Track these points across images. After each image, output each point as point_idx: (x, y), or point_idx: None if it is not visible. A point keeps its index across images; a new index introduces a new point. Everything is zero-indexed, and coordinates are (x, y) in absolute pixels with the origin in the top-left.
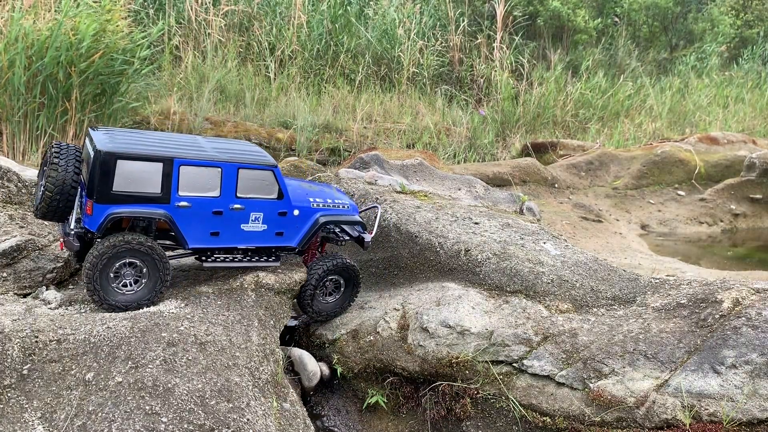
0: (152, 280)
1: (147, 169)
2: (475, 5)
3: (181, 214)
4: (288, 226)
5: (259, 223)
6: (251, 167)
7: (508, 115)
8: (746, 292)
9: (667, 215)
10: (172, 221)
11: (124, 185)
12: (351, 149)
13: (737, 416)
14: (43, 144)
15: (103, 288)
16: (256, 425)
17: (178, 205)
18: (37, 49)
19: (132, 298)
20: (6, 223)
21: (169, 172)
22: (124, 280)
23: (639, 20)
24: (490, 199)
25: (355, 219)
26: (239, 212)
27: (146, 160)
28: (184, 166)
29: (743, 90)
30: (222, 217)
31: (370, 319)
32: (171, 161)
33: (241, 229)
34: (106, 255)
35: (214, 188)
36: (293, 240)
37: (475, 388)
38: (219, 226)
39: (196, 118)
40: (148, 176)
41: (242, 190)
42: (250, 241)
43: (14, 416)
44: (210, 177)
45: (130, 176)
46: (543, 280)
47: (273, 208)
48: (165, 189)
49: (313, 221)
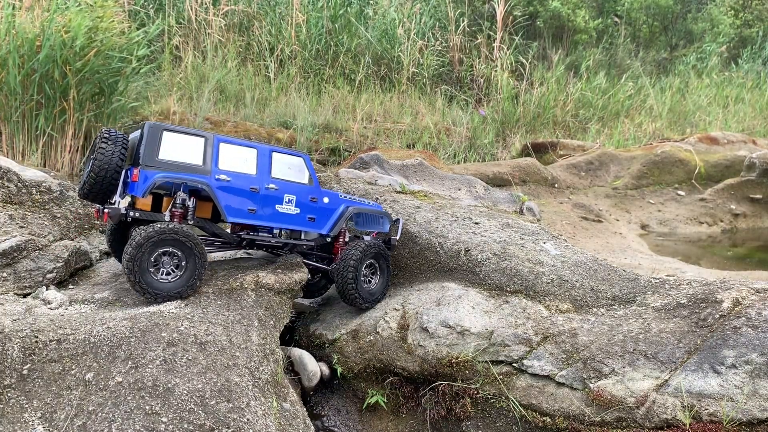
0: (189, 271)
1: (190, 142)
2: (475, 5)
3: (221, 186)
4: (319, 212)
5: (292, 205)
6: (283, 152)
7: (508, 115)
8: (746, 292)
9: (667, 215)
10: (212, 191)
11: (170, 154)
12: (351, 149)
13: (737, 416)
14: (43, 144)
15: (140, 271)
16: (256, 425)
17: (218, 177)
18: (28, 48)
19: (169, 287)
20: (6, 223)
21: (210, 147)
22: (163, 268)
23: (639, 20)
24: (490, 199)
25: (380, 211)
26: (274, 192)
27: (189, 134)
28: (223, 144)
29: (743, 90)
30: (258, 195)
31: (370, 319)
32: (212, 137)
33: (276, 209)
34: (152, 239)
35: (250, 168)
36: (324, 226)
37: (475, 388)
38: (256, 203)
39: (196, 118)
40: (191, 149)
41: (276, 172)
42: (285, 222)
43: (14, 416)
44: (247, 157)
45: (174, 148)
46: (543, 280)
47: (305, 193)
48: (206, 161)
49: (341, 210)
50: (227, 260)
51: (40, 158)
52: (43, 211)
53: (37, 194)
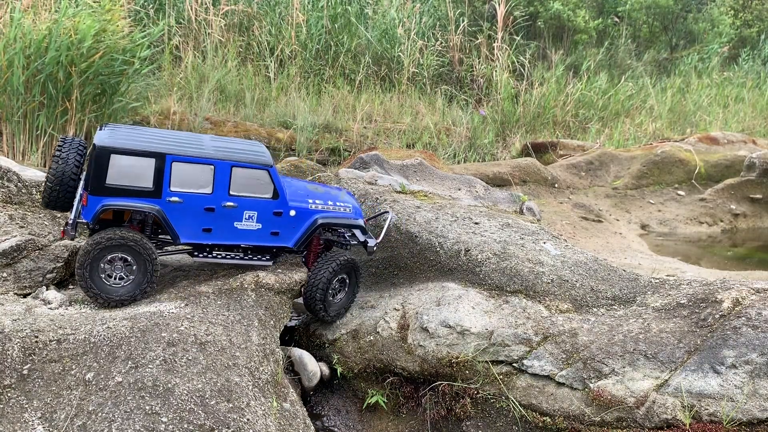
0: (139, 277)
1: (140, 164)
2: (475, 5)
3: (173, 209)
4: (284, 226)
5: (253, 221)
6: (245, 166)
7: (508, 115)
8: (746, 292)
9: (667, 215)
10: (163, 216)
11: (118, 179)
12: (351, 149)
13: (737, 416)
14: (43, 144)
15: (91, 278)
16: (256, 425)
17: (169, 200)
18: (35, 49)
19: (121, 291)
20: (6, 223)
21: (161, 167)
22: (114, 273)
23: (639, 20)
24: (490, 199)
25: (355, 222)
26: (232, 210)
27: (139, 155)
28: (176, 163)
29: (743, 90)
30: (214, 214)
31: (370, 319)
32: (163, 157)
33: (234, 227)
34: (98, 247)
35: (207, 185)
36: (290, 240)
37: (475, 388)
38: (211, 223)
39: (196, 118)
40: (141, 171)
41: (235, 189)
42: (245, 239)
43: (14, 416)
44: (203, 174)
45: (123, 170)
46: (543, 280)
47: (268, 208)
48: (157, 184)
49: (310, 222)
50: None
51: (40, 158)
52: (43, 211)
53: (37, 194)
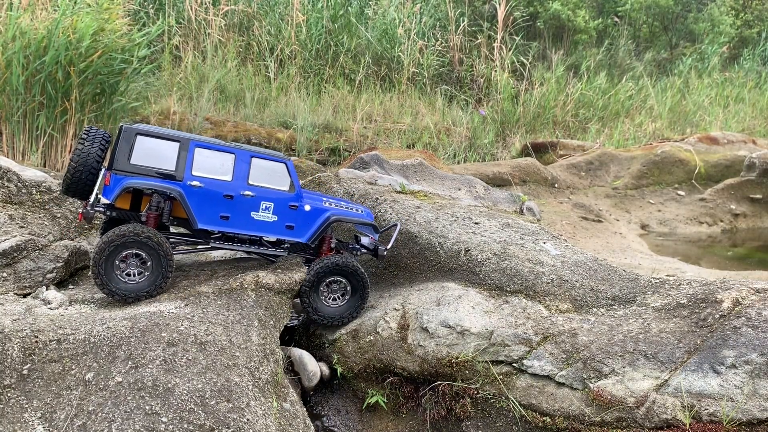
0: (154, 272)
1: (164, 147)
2: (475, 5)
3: (193, 193)
4: (299, 220)
5: (269, 212)
6: (264, 158)
7: (508, 115)
8: (746, 292)
9: (667, 215)
10: (183, 198)
11: (142, 159)
12: (351, 149)
13: (737, 416)
14: (43, 144)
15: (107, 275)
16: (256, 425)
17: (190, 184)
18: (34, 49)
19: (136, 288)
20: (6, 223)
21: (184, 151)
22: (129, 269)
23: (639, 20)
24: (490, 199)
25: (366, 221)
26: (250, 199)
27: (164, 138)
28: (199, 149)
29: (743, 90)
30: (232, 202)
31: (370, 319)
32: (187, 141)
33: (251, 216)
34: (113, 244)
35: (227, 173)
36: (303, 235)
37: (475, 388)
38: (229, 210)
39: (196, 118)
40: (165, 153)
41: (254, 178)
42: (261, 230)
43: (14, 416)
44: (224, 162)
45: (148, 152)
46: (543, 280)
47: (284, 200)
48: (179, 167)
49: (324, 218)
50: (227, 260)
51: (40, 158)
52: (43, 211)
53: (37, 194)
